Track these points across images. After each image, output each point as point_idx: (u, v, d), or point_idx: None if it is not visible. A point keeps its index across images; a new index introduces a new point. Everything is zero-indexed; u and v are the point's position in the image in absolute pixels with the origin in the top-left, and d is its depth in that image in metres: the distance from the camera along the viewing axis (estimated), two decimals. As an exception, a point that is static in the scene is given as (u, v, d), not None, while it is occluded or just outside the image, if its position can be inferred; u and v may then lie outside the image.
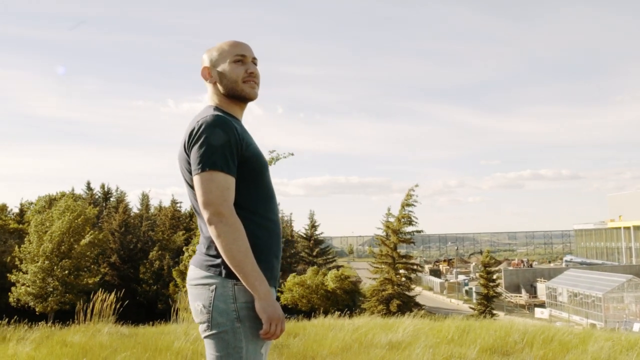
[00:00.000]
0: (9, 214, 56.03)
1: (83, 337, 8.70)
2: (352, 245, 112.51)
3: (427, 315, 16.05)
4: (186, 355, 6.70)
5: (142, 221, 54.78)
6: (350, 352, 7.19)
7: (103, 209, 58.45)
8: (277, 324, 2.37)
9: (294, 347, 7.70)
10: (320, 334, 8.81)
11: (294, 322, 11.47)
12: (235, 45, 2.68)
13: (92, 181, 62.98)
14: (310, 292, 39.65)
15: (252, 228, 2.47)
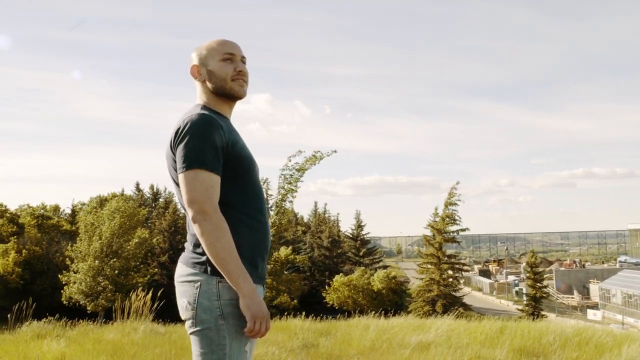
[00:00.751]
0: (62, 215, 57.48)
1: (118, 334, 8.85)
2: (401, 245, 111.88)
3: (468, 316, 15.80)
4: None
5: (190, 221, 55.45)
6: (377, 352, 7.12)
7: (152, 209, 59.47)
8: (261, 321, 2.35)
9: (322, 347, 7.68)
10: (350, 333, 8.76)
11: (327, 321, 11.43)
12: (224, 44, 2.67)
13: (141, 182, 64.04)
14: (356, 292, 39.55)
15: (238, 226, 2.45)
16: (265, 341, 7.84)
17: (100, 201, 49.42)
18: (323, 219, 64.10)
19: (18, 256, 42.44)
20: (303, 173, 32.98)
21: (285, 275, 41.62)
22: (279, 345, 7.53)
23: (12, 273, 41.47)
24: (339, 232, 58.81)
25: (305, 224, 66.10)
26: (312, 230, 59.03)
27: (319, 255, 53.73)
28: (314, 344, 7.91)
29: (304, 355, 7.12)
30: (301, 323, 10.46)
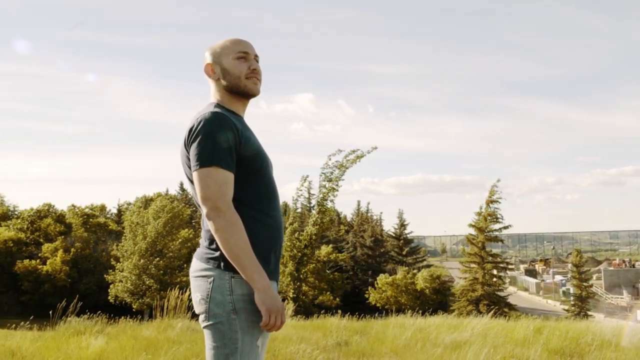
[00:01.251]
0: (108, 215, 58.55)
1: (154, 331, 8.96)
2: (445, 244, 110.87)
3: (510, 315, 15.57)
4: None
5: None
6: (409, 350, 7.06)
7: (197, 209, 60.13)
8: (276, 315, 2.38)
9: (355, 345, 7.65)
10: (385, 332, 8.72)
11: (365, 320, 11.39)
12: (238, 43, 2.71)
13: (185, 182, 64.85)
14: (399, 292, 39.34)
15: (250, 223, 2.49)
16: (298, 339, 7.85)
17: (146, 201, 50.16)
18: (366, 218, 64.00)
19: (66, 255, 43.39)
20: (344, 172, 32.98)
21: (327, 274, 41.62)
22: (312, 344, 7.52)
23: (60, 272, 42.42)
24: (382, 231, 58.62)
25: (348, 223, 66.09)
26: (355, 229, 58.93)
27: (361, 255, 53.60)
28: (348, 342, 7.89)
29: (336, 353, 7.10)
30: (338, 322, 10.44)
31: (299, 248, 33.05)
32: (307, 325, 9.80)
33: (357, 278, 51.54)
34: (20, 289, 43.01)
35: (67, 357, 6.70)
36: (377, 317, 12.66)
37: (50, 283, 41.68)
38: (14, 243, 45.64)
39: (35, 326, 11.34)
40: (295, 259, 33.11)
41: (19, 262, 43.23)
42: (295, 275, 33.45)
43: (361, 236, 55.64)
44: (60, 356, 6.69)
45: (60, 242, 45.02)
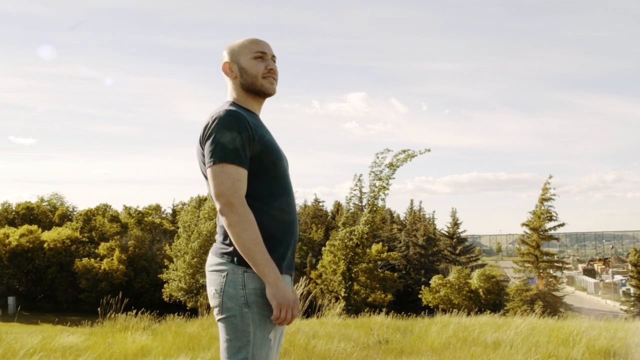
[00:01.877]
0: (163, 215, 59.62)
1: (198, 328, 9.10)
2: (500, 243, 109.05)
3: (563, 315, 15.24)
4: (282, 346, 6.79)
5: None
6: (449, 349, 6.99)
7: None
8: (287, 309, 2.44)
9: (395, 343, 7.63)
10: (428, 330, 8.64)
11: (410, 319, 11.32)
12: (256, 43, 2.77)
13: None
14: (453, 292, 38.92)
15: (263, 218, 2.55)
16: (340, 337, 7.86)
17: (200, 201, 50.88)
18: (419, 217, 63.56)
19: (122, 254, 44.42)
20: (394, 171, 32.82)
21: (378, 273, 41.47)
22: (352, 341, 7.52)
23: (117, 270, 43.43)
24: (435, 230, 58.12)
25: (401, 222, 65.79)
26: (408, 228, 58.57)
27: (414, 254, 53.23)
28: (389, 340, 7.86)
29: (375, 351, 7.09)
30: (382, 320, 10.42)
31: (350, 247, 33.08)
32: (350, 324, 9.81)
33: (410, 277, 51.22)
34: (79, 286, 44.25)
35: (112, 352, 6.85)
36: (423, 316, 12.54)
37: (107, 281, 42.72)
38: (72, 242, 46.98)
39: (89, 322, 11.61)
40: (347, 258, 33.15)
41: (77, 261, 44.48)
42: (346, 274, 33.49)
43: (414, 235, 55.26)
44: (106, 351, 6.85)
45: (115, 241, 46.11)
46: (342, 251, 33.17)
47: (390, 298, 39.65)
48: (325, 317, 11.82)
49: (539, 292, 35.38)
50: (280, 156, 2.71)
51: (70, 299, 45.03)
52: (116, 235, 47.98)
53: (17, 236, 46.31)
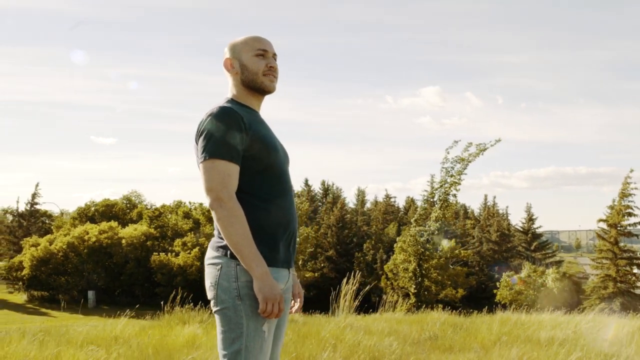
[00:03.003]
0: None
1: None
2: (580, 239, 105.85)
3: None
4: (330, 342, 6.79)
5: (358, 216, 56.32)
6: (498, 346, 6.83)
7: (321, 205, 61.04)
8: (273, 303, 2.47)
9: (445, 339, 7.52)
10: (480, 327, 8.48)
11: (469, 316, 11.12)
12: (258, 40, 2.81)
13: (310, 179, 65.85)
14: (527, 289, 38.01)
15: (257, 213, 2.60)
16: (391, 333, 7.81)
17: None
18: (493, 212, 62.40)
19: (196, 250, 45.45)
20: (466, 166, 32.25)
21: (450, 269, 40.93)
22: (402, 338, 7.46)
23: (192, 266, 44.43)
24: (509, 225, 56.91)
25: (475, 217, 64.76)
26: (481, 224, 57.62)
27: (487, 250, 52.34)
28: (440, 336, 7.75)
29: (423, 347, 7.00)
30: (438, 316, 10.27)
31: (421, 243, 32.78)
32: (404, 320, 9.71)
33: (483, 274, 50.38)
34: (154, 281, 45.54)
35: (163, 343, 7.02)
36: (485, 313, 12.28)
37: (182, 276, 43.74)
38: (147, 238, 48.41)
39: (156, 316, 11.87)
40: (417, 254, 32.86)
41: (154, 255, 45.81)
42: (417, 271, 33.20)
43: (487, 231, 54.34)
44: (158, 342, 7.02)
45: (190, 237, 47.23)
46: (413, 247, 32.89)
47: (461, 294, 39.09)
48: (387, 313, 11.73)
49: (617, 290, 34.15)
50: (277, 152, 2.73)
51: (147, 294, 46.36)
52: (189, 232, 49.11)
53: (97, 232, 48.06)
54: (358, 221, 55.18)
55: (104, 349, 6.54)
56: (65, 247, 46.58)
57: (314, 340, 6.93)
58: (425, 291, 34.91)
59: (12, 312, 41.31)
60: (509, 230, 55.06)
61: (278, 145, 2.79)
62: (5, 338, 7.15)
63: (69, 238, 47.51)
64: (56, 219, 64.51)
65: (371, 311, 11.89)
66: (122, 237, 48.17)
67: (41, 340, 7.08)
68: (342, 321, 8.34)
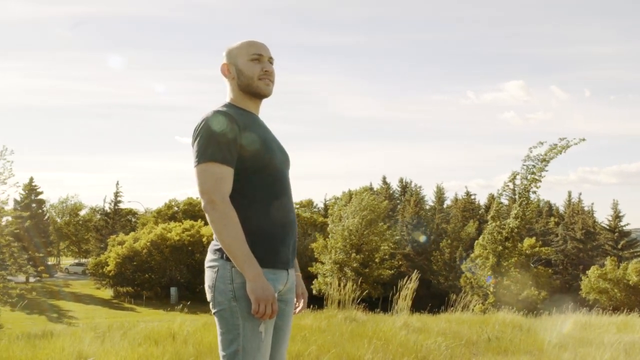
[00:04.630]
0: (315, 209, 60.99)
1: (313, 321, 9.22)
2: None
3: None
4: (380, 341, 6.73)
5: (435, 214, 55.65)
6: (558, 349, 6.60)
7: (399, 202, 60.66)
8: (265, 304, 2.49)
9: (504, 340, 7.32)
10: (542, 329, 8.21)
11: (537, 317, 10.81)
12: (253, 45, 2.85)
13: (387, 176, 65.47)
14: (612, 286, 36.61)
15: (253, 214, 2.65)
16: (445, 333, 7.67)
17: (350, 196, 51.60)
18: (577, 209, 60.33)
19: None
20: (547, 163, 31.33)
21: (531, 268, 39.91)
22: (458, 338, 7.31)
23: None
24: (594, 223, 54.86)
25: (559, 215, 62.84)
26: (565, 221, 55.85)
27: (571, 248, 50.68)
28: (499, 337, 7.55)
29: (477, 348, 6.84)
30: (503, 317, 10.02)
31: (499, 241, 32.09)
32: (467, 320, 9.52)
33: (567, 273, 48.83)
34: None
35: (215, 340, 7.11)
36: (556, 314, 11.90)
37: (260, 273, 44.36)
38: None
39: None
40: (496, 252, 32.19)
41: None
42: (496, 269, 32.53)
43: (572, 229, 52.62)
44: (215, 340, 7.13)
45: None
46: (491, 245, 32.22)
47: (544, 295, 38.00)
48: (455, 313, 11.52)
49: None
50: (273, 155, 2.76)
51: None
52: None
53: (180, 231, 49.38)
54: (436, 219, 54.52)
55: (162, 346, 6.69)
56: (149, 244, 48.11)
57: (365, 340, 6.88)
58: (504, 290, 34.15)
59: (99, 307, 43.04)
60: (594, 228, 53.11)
61: (275, 147, 2.82)
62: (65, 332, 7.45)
63: (152, 236, 49.04)
64: (140, 217, 66.78)
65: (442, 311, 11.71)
66: (204, 235, 49.25)
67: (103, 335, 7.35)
68: (397, 320, 8.24)
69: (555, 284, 43.85)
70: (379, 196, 51.84)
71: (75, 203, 77.18)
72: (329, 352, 6.24)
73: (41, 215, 60.21)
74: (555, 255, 47.68)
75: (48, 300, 46.08)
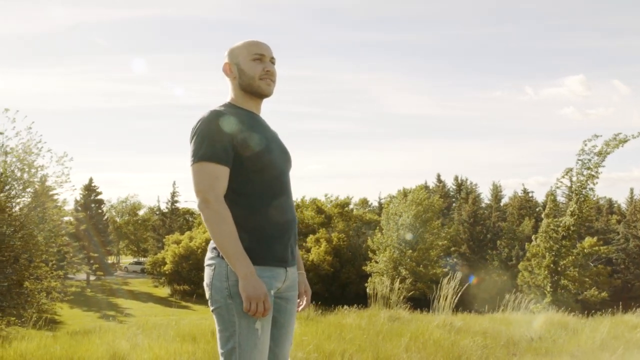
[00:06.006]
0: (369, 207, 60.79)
1: (355, 319, 9.17)
2: None
3: None
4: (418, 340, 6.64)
5: (492, 212, 54.79)
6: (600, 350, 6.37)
7: (455, 200, 59.98)
8: (257, 302, 2.51)
9: (546, 341, 7.12)
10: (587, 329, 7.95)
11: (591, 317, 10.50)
12: (255, 45, 2.87)
13: (442, 174, 64.74)
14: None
15: (250, 213, 2.68)
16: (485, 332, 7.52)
17: (405, 194, 51.27)
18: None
19: (328, 245, 46.04)
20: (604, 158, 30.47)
21: (591, 267, 38.88)
22: (499, 337, 7.16)
23: (324, 261, 45.06)
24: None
25: (621, 212, 61.03)
26: (627, 219, 54.19)
27: (634, 247, 49.13)
28: (543, 337, 7.36)
29: (516, 348, 6.67)
30: (550, 316, 9.76)
31: (555, 240, 31.38)
32: (512, 319, 9.32)
33: (629, 272, 47.37)
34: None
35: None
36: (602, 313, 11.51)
37: (314, 272, 44.46)
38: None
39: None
40: (552, 251, 31.49)
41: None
42: (552, 268, 31.81)
43: (633, 227, 51.03)
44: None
45: (322, 233, 47.91)
46: (546, 244, 31.51)
47: (605, 295, 36.97)
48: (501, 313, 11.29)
49: None
50: (272, 154, 2.77)
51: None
52: (322, 228, 49.80)
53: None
54: (492, 217, 53.68)
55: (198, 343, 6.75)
56: (203, 244, 48.80)
57: (401, 339, 6.80)
58: (562, 289, 33.37)
59: (156, 305, 43.97)
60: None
61: (275, 147, 2.83)
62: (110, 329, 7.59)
63: (207, 235, 49.65)
64: (197, 217, 67.89)
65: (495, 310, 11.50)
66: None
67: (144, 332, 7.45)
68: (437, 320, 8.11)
69: (616, 284, 42.67)
70: (434, 194, 51.33)
71: (134, 203, 78.94)
72: (364, 351, 6.18)
73: (100, 215, 61.76)
74: (617, 254, 46.28)
75: (108, 298, 47.33)
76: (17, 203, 14.16)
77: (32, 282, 14.25)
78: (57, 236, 15.03)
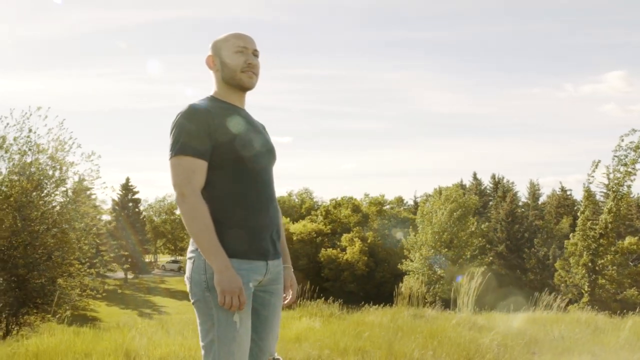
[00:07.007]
0: (405, 206, 60.50)
1: (377, 316, 9.14)
2: None
3: None
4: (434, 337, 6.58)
5: (529, 210, 54.07)
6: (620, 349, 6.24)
7: (491, 199, 59.33)
8: (231, 296, 2.51)
9: (569, 340, 7.00)
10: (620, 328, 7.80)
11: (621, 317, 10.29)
12: (238, 37, 2.87)
13: (478, 172, 64.09)
14: None
15: (229, 206, 2.69)
16: (507, 331, 7.42)
17: (440, 192, 50.89)
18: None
19: (363, 244, 45.97)
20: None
21: (631, 267, 38.04)
22: (520, 336, 7.06)
23: (359, 261, 45.02)
24: None
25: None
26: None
27: (677, 246, 47.97)
28: (567, 337, 7.24)
29: (537, 347, 6.56)
30: (578, 316, 9.60)
31: (592, 238, 30.83)
32: (541, 318, 9.17)
33: (671, 272, 46.26)
34: (322, 276, 46.67)
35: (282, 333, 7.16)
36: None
37: (349, 271, 44.46)
38: (317, 234, 49.70)
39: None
40: (590, 250, 30.94)
41: (323, 251, 46.93)
42: (590, 267, 31.27)
43: (677, 225, 49.87)
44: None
45: (357, 232, 47.85)
46: (583, 242, 30.98)
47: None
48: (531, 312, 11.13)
49: None
50: (252, 147, 2.77)
51: (315, 288, 47.77)
52: (357, 227, 49.72)
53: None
54: (530, 215, 52.98)
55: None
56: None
57: (419, 336, 6.75)
58: (599, 289, 32.76)
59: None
60: None
61: (255, 140, 2.81)
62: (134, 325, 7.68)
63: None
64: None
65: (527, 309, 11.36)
66: (293, 232, 49.84)
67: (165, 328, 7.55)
68: (458, 318, 8.03)
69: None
70: (470, 192, 50.86)
71: (171, 202, 79.91)
72: (379, 348, 6.15)
73: (137, 214, 62.62)
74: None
75: (145, 296, 47.97)
76: (50, 201, 14.41)
77: (65, 279, 14.51)
78: (90, 234, 15.24)
